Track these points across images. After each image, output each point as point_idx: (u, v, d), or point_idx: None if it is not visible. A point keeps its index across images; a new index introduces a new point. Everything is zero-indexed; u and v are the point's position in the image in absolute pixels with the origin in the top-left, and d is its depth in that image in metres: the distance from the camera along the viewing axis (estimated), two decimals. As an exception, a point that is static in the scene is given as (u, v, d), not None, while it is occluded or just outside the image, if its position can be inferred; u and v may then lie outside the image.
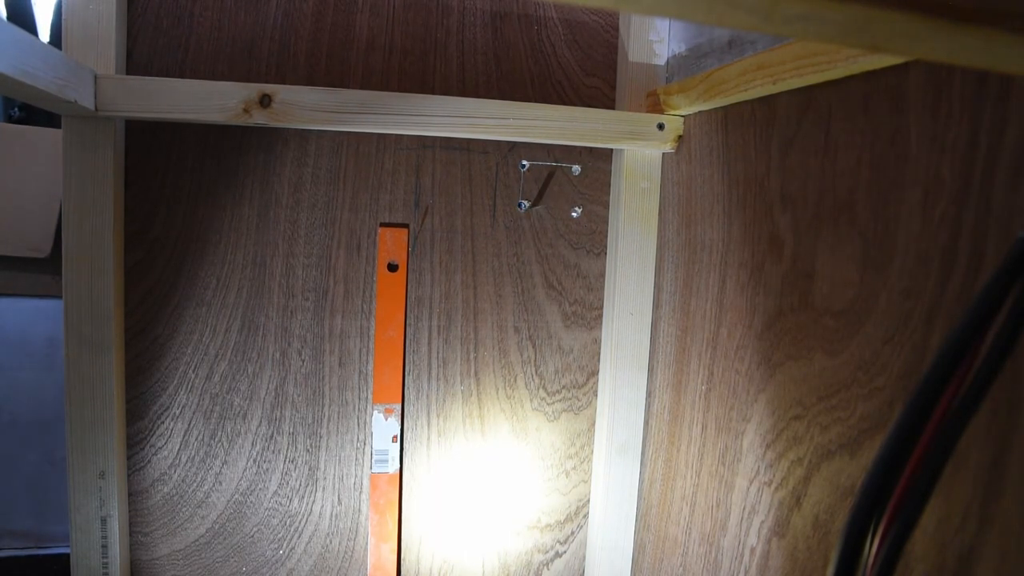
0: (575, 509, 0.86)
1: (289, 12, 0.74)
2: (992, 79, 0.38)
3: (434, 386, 0.81)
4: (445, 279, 0.80)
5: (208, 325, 0.75)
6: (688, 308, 0.72)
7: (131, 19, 0.71)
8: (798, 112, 0.55)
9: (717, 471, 0.66)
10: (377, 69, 0.76)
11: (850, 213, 0.49)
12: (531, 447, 0.84)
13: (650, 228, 0.79)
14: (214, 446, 0.76)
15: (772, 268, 0.58)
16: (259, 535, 0.78)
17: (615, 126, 0.73)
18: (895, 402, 0.44)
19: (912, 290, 0.43)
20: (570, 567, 0.86)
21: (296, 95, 0.66)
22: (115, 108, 0.63)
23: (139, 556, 0.76)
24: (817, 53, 0.49)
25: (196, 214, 0.74)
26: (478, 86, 0.79)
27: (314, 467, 0.79)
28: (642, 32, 0.78)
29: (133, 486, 0.75)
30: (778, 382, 0.57)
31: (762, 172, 0.60)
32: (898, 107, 0.45)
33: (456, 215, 0.79)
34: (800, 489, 0.54)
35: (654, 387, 0.79)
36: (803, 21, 0.21)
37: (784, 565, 0.55)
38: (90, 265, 0.67)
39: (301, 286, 0.76)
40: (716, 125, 0.68)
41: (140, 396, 0.74)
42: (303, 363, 0.77)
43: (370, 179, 0.77)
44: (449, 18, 0.78)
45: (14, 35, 0.47)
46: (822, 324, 0.51)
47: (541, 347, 0.83)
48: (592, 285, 0.83)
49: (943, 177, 0.41)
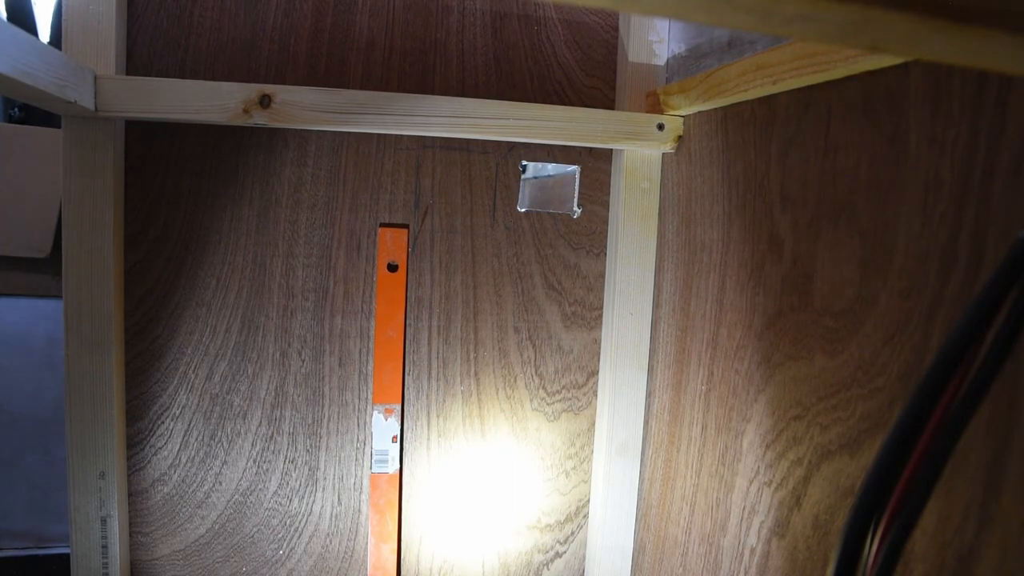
0: (575, 509, 0.86)
1: (289, 12, 0.74)
2: (992, 79, 0.38)
3: (434, 386, 0.81)
4: (445, 279, 0.80)
5: (208, 325, 0.75)
6: (688, 308, 0.72)
7: (131, 19, 0.71)
8: (798, 112, 0.55)
9: (717, 471, 0.66)
10: (377, 69, 0.76)
11: (850, 213, 0.49)
12: (531, 447, 0.84)
13: (650, 228, 0.79)
14: (214, 446, 0.76)
15: (772, 268, 0.58)
16: (259, 535, 0.78)
17: (615, 126, 0.73)
18: (895, 402, 0.44)
19: (912, 290, 0.43)
20: (570, 567, 0.86)
21: (296, 95, 0.66)
22: (115, 108, 0.63)
23: (139, 556, 0.76)
24: (817, 53, 0.49)
25: (196, 214, 0.74)
26: (478, 86, 0.79)
27: (314, 467, 0.79)
28: (642, 32, 0.78)
29: (133, 486, 0.75)
30: (778, 382, 0.57)
31: (762, 172, 0.60)
32: (898, 107, 0.45)
33: (456, 215, 0.79)
34: (800, 489, 0.53)
35: (654, 387, 0.79)
36: (803, 21, 0.21)
37: (784, 565, 0.55)
38: (90, 265, 0.67)
39: (301, 286, 0.76)
40: (716, 125, 0.68)
41: (140, 396, 0.74)
42: (303, 363, 0.77)
43: (370, 179, 0.77)
44: (449, 18, 0.78)
45: (14, 35, 0.47)
46: (822, 324, 0.51)
47: (541, 347, 0.83)
48: (592, 285, 0.83)
49: (943, 177, 0.41)
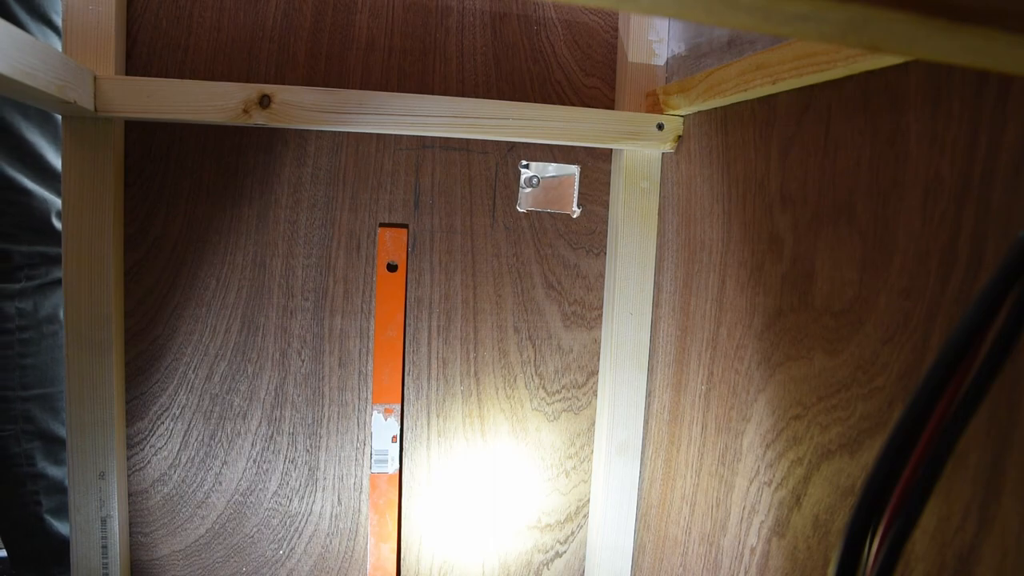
0: (575, 509, 0.86)
1: (288, 12, 0.74)
2: (992, 79, 0.38)
3: (434, 386, 0.81)
4: (445, 279, 0.80)
5: (208, 325, 0.75)
6: (688, 308, 0.72)
7: (131, 19, 0.71)
8: (798, 112, 0.55)
9: (717, 471, 0.66)
10: (376, 69, 0.76)
11: (850, 213, 0.49)
12: (531, 447, 0.84)
13: (650, 228, 0.79)
14: (214, 446, 0.76)
15: (772, 268, 0.58)
16: (259, 535, 0.78)
17: (614, 126, 0.73)
18: (895, 402, 0.44)
19: (912, 290, 0.43)
20: (570, 567, 0.86)
21: (295, 95, 0.66)
22: (114, 109, 0.63)
23: (139, 556, 0.76)
24: (817, 53, 0.49)
25: (196, 214, 0.74)
26: (477, 86, 0.79)
27: (314, 467, 0.79)
28: (641, 32, 0.78)
29: (133, 486, 0.75)
30: (778, 382, 0.57)
31: (762, 172, 0.60)
32: (898, 107, 0.45)
33: (456, 215, 0.79)
34: (800, 489, 0.53)
35: (654, 387, 0.79)
36: (802, 21, 0.21)
37: (784, 565, 0.55)
38: (90, 265, 0.67)
39: (301, 286, 0.76)
40: (716, 125, 0.68)
41: (140, 396, 0.74)
42: (303, 363, 0.77)
43: (370, 179, 0.77)
44: (449, 18, 0.78)
45: (14, 35, 0.47)
46: (822, 324, 0.51)
47: (541, 347, 0.83)
48: (592, 285, 0.83)
49: (943, 177, 0.41)
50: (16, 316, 0.88)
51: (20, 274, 0.88)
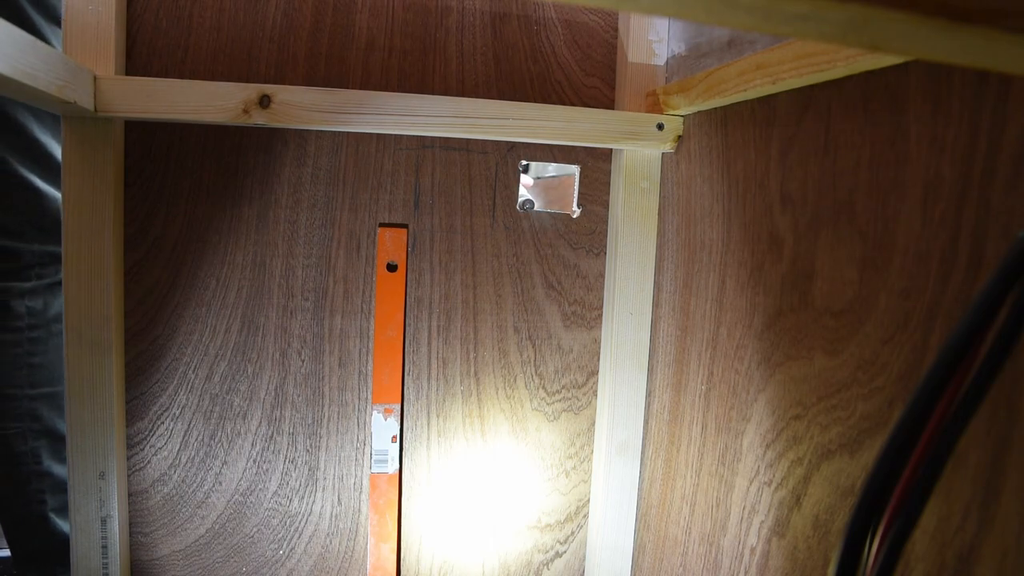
0: (575, 509, 0.86)
1: (288, 12, 0.74)
2: (992, 79, 0.38)
3: (434, 386, 0.81)
4: (445, 279, 0.80)
5: (208, 325, 0.75)
6: (688, 308, 0.72)
7: (131, 19, 0.71)
8: (798, 112, 0.55)
9: (717, 471, 0.66)
10: (376, 69, 0.76)
11: (850, 213, 0.49)
12: (531, 447, 0.84)
13: (650, 228, 0.79)
14: (214, 446, 0.76)
15: (772, 268, 0.58)
16: (259, 535, 0.78)
17: (614, 126, 0.73)
18: (895, 402, 0.44)
19: (912, 290, 0.43)
20: (570, 567, 0.86)
21: (295, 95, 0.66)
22: (114, 109, 0.63)
23: (139, 556, 0.76)
24: (817, 53, 0.49)
25: (196, 214, 0.74)
26: (477, 86, 0.79)
27: (314, 467, 0.79)
28: (641, 32, 0.78)
29: (133, 486, 0.75)
30: (778, 382, 0.57)
31: (762, 172, 0.60)
32: (898, 107, 0.45)
33: (456, 215, 0.79)
34: (800, 489, 0.53)
35: (654, 387, 0.79)
36: (803, 20, 0.21)
37: (784, 565, 0.55)
38: (90, 265, 0.67)
39: (301, 286, 0.76)
40: (716, 125, 0.68)
41: (140, 396, 0.74)
42: (303, 363, 0.77)
43: (370, 179, 0.77)
44: (449, 18, 0.78)
45: (14, 35, 0.47)
46: (822, 324, 0.51)
47: (541, 347, 0.83)
48: (592, 285, 0.83)
49: (943, 177, 0.41)
50: (26, 315, 0.88)
51: (30, 273, 0.88)
